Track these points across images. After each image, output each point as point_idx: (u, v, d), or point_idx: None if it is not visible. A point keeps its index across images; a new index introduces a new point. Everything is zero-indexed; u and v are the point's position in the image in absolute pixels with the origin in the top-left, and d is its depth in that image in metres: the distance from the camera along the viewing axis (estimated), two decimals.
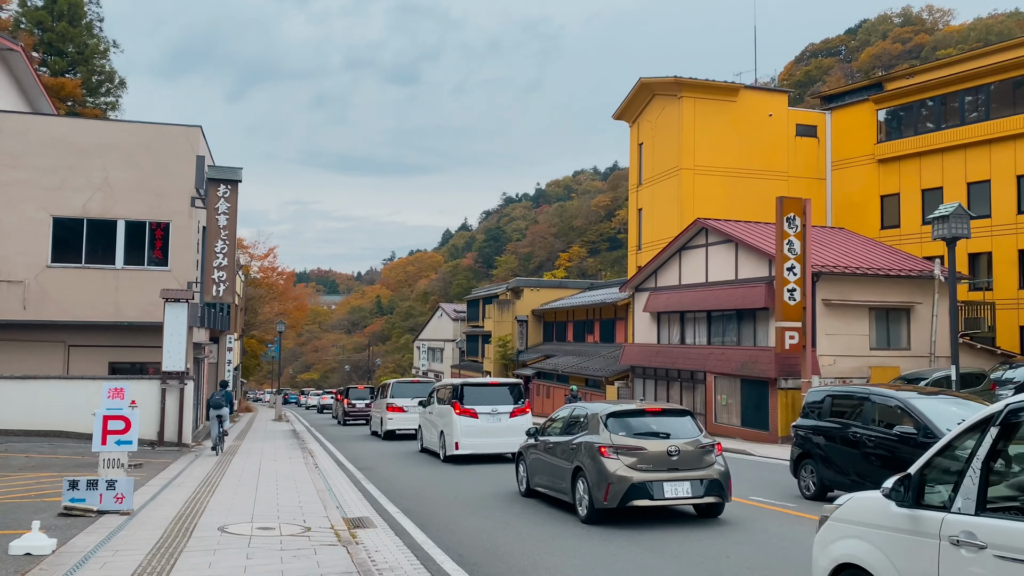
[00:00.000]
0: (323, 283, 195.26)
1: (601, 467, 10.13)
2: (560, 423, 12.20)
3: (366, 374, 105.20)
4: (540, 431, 12.73)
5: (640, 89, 39.40)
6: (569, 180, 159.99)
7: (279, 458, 18.11)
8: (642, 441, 10.32)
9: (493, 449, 18.18)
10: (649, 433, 10.56)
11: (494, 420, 18.24)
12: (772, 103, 38.09)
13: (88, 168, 21.61)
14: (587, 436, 10.79)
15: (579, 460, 10.64)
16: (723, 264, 28.16)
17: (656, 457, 10.17)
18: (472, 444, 18.01)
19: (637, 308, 33.37)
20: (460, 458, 18.28)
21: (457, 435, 18.00)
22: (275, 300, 76.00)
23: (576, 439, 11.02)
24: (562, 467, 11.24)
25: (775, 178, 37.64)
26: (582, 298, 48.93)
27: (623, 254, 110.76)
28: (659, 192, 38.27)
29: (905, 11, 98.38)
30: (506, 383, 19.50)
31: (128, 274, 21.75)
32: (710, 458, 10.45)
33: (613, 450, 10.20)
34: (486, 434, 18.11)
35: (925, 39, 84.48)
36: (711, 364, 27.23)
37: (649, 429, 10.64)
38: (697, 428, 10.84)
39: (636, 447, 10.21)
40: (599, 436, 10.51)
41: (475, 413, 18.13)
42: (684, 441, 10.37)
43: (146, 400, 19.87)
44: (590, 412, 11.25)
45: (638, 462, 10.11)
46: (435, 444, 19.55)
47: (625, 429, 10.56)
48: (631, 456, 10.14)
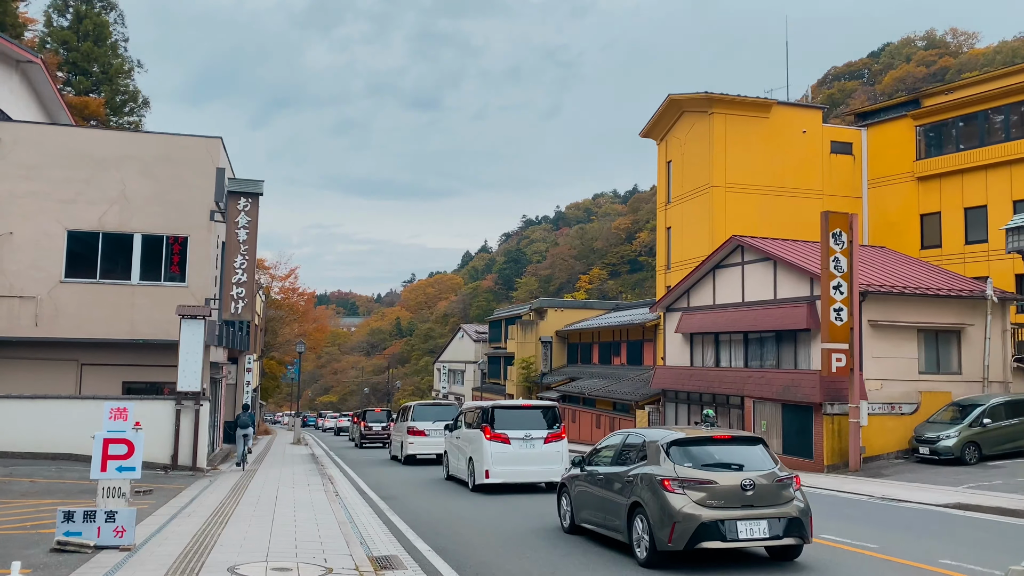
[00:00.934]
0: (343, 305, 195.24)
1: (665, 503, 8.99)
2: (611, 451, 10.96)
3: (385, 396, 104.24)
4: (586, 460, 11.53)
5: (669, 106, 38.46)
6: (589, 203, 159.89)
7: (297, 484, 17.08)
8: (712, 473, 9.18)
9: (526, 478, 17.01)
10: (719, 464, 9.40)
11: (527, 446, 16.99)
12: (806, 119, 36.99)
13: (105, 180, 20.89)
14: (646, 467, 9.60)
15: (637, 495, 9.50)
16: (761, 283, 26.97)
17: (728, 492, 9.02)
18: (504, 472, 16.82)
19: (668, 329, 32.17)
20: (490, 487, 17.07)
21: (487, 462, 16.79)
22: (295, 321, 75.45)
23: (633, 470, 9.84)
24: (615, 502, 10.05)
25: (809, 196, 36.46)
26: (608, 319, 47.76)
27: (644, 276, 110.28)
28: (689, 210, 37.17)
29: (929, 34, 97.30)
30: (540, 406, 18.32)
31: (144, 290, 20.94)
32: (788, 493, 9.27)
33: (678, 483, 9.07)
34: (519, 461, 16.91)
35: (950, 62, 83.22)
36: (749, 388, 25.96)
37: (718, 459, 9.48)
38: (771, 458, 9.67)
39: (705, 480, 9.08)
40: (661, 467, 9.36)
41: (507, 439, 16.92)
42: (759, 473, 9.21)
43: (160, 421, 18.99)
44: (648, 439, 10.04)
45: (708, 497, 8.98)
46: (463, 472, 18.38)
47: (691, 459, 9.41)
48: (700, 491, 9.01)
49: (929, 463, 21.45)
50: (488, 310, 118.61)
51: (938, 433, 21.44)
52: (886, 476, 20.14)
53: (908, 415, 23.11)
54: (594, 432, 38.56)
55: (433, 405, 26.93)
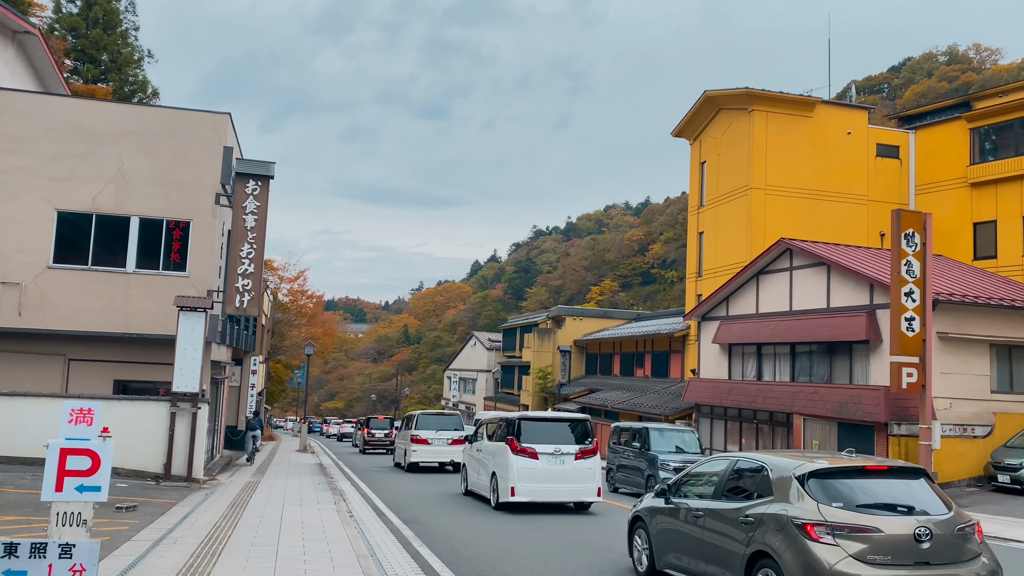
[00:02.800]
0: (350, 311, 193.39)
1: (809, 557, 6.78)
2: (711, 480, 8.74)
3: (392, 404, 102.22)
4: (673, 489, 9.32)
5: (704, 103, 36.39)
6: (600, 214, 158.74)
7: (305, 501, 14.95)
8: (872, 517, 6.94)
9: (555, 497, 15.56)
10: (878, 504, 7.14)
11: (557, 462, 15.49)
12: (851, 120, 34.86)
13: (100, 157, 18.90)
14: (773, 505, 7.42)
15: (762, 542, 7.29)
16: (812, 290, 24.79)
17: (897, 544, 6.80)
18: (531, 490, 15.27)
19: (704, 339, 29.99)
20: (515, 506, 15.55)
21: (513, 479, 15.25)
22: (304, 325, 73.50)
23: (752, 509, 7.63)
24: (725, 549, 7.85)
25: (853, 201, 34.32)
26: (631, 328, 45.56)
27: (656, 289, 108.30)
28: (725, 214, 35.03)
29: (951, 49, 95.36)
30: (571, 419, 16.80)
31: (140, 279, 18.90)
32: (972, 546, 7.09)
33: (827, 530, 6.86)
34: (548, 479, 15.41)
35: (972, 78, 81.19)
36: (799, 404, 23.74)
37: (876, 498, 7.22)
38: (941, 498, 7.44)
39: (865, 527, 6.86)
40: (797, 506, 7.17)
41: (535, 453, 15.40)
42: (934, 519, 7.00)
43: (152, 425, 16.93)
44: (771, 467, 7.80)
45: (869, 551, 6.76)
46: (484, 487, 16.89)
47: (838, 497, 7.18)
48: (858, 540, 6.80)
49: (1010, 492, 19.22)
50: (498, 319, 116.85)
51: (1021, 460, 19.20)
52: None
53: (981, 438, 20.88)
54: None
55: (437, 415, 26.95)
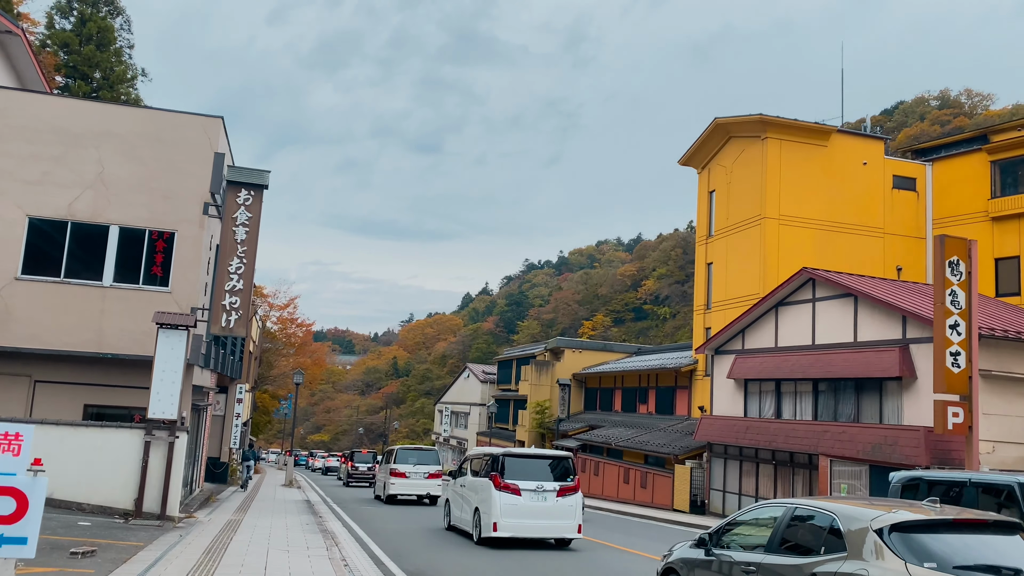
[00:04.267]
0: (339, 342, 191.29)
1: None
2: (763, 530, 7.52)
3: (380, 437, 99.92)
4: (714, 539, 8.10)
5: (714, 131, 35.26)
6: (592, 249, 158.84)
7: (293, 546, 13.19)
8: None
9: (538, 533, 15.72)
10: (980, 567, 5.91)
11: (539, 499, 15.67)
12: (867, 150, 33.76)
13: (79, 160, 17.35)
14: (848, 563, 6.22)
15: None
16: (837, 323, 23.32)
17: None
18: (513, 526, 15.44)
19: (717, 374, 28.41)
20: (497, 541, 15.66)
21: (496, 514, 15.42)
22: (293, 354, 71.57)
23: (822, 566, 6.44)
24: None
25: (869, 234, 33.08)
26: (634, 362, 43.94)
27: (649, 325, 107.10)
28: (736, 244, 33.69)
29: (943, 94, 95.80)
30: (553, 455, 16.91)
31: (118, 294, 17.24)
32: None
33: None
34: (531, 515, 15.58)
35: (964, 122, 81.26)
36: (826, 445, 22.13)
37: (974, 558, 6.00)
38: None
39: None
40: (878, 566, 5.98)
41: (518, 490, 15.59)
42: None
43: (123, 455, 15.18)
44: (843, 517, 6.61)
45: None
46: (467, 523, 16.93)
47: (928, 556, 5.95)
48: None
49: None
50: (489, 352, 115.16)
51: None
52: None
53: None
54: (621, 487, 34.51)
55: (415, 449, 27.83)
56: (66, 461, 14.95)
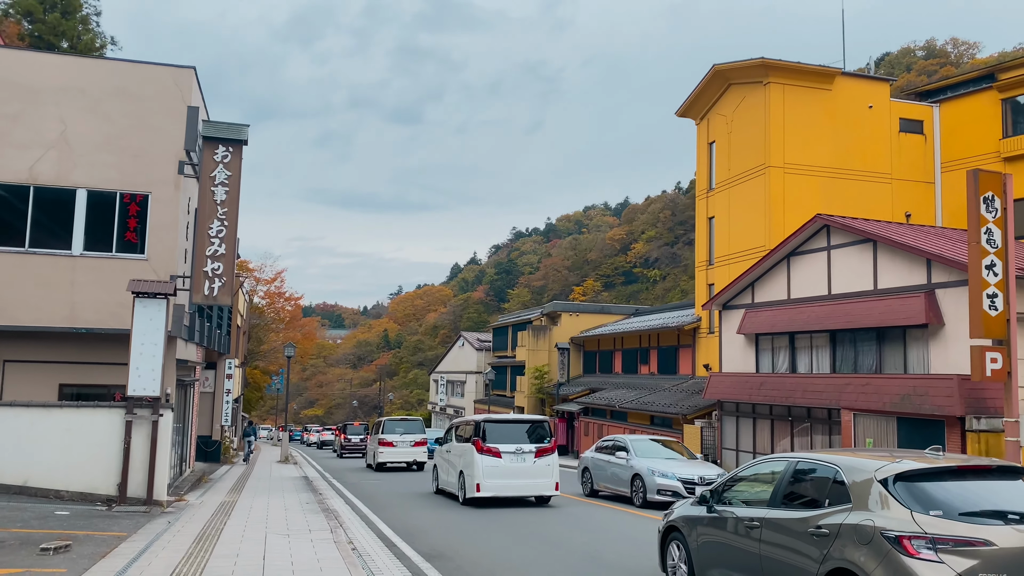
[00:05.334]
0: (328, 318, 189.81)
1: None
2: (766, 485, 7.50)
3: (375, 409, 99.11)
4: (716, 495, 8.07)
5: (713, 78, 33.83)
6: (580, 215, 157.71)
7: (293, 529, 12.01)
8: (980, 527, 5.77)
9: (517, 492, 16.84)
10: (986, 513, 5.94)
11: (519, 460, 16.83)
12: (872, 93, 32.45)
13: (39, 118, 15.84)
14: (854, 514, 6.25)
15: (843, 558, 6.13)
16: (855, 271, 22.19)
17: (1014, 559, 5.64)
18: (495, 486, 16.62)
19: (726, 330, 27.31)
20: (481, 500, 16.83)
21: (479, 476, 16.57)
22: (282, 329, 70.22)
23: (826, 518, 6.46)
24: (793, 565, 6.66)
25: (876, 180, 31.90)
26: (634, 323, 42.87)
27: (639, 288, 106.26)
28: (739, 196, 32.45)
29: (929, 44, 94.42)
30: (530, 420, 18.05)
31: (89, 263, 15.84)
32: None
33: (928, 544, 5.69)
34: (510, 475, 16.73)
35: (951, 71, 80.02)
36: (848, 398, 21.10)
37: (981, 504, 6.04)
38: None
39: (974, 539, 5.69)
40: (884, 516, 6.03)
41: (498, 452, 16.73)
42: None
43: (103, 437, 13.91)
44: (847, 469, 6.62)
45: (981, 567, 5.59)
46: (453, 485, 18.04)
47: (935, 504, 6.00)
48: (967, 556, 5.63)
49: None
50: (480, 321, 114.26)
51: None
52: None
53: None
54: None
55: (401, 420, 29.57)
56: (40, 446, 13.71)
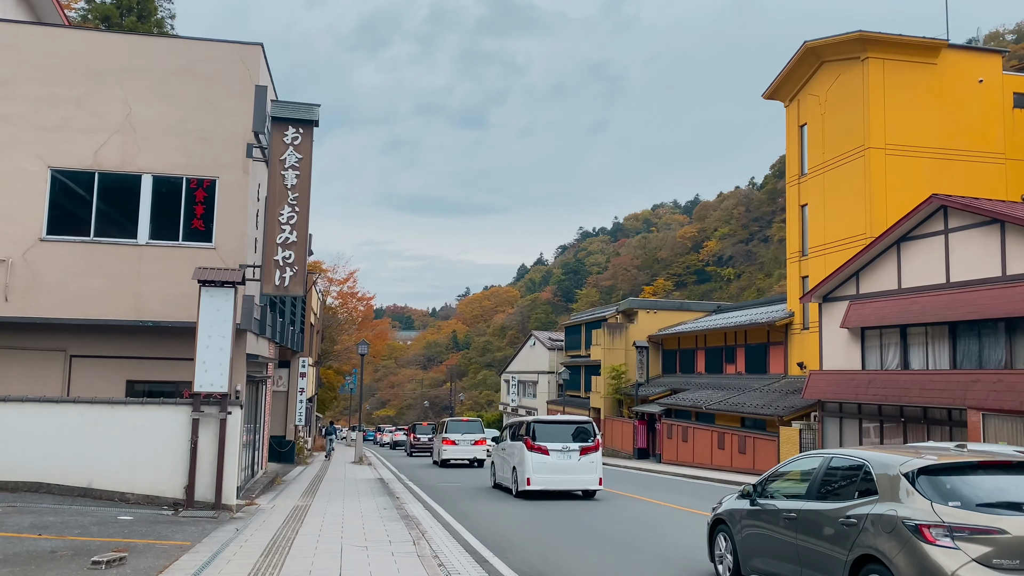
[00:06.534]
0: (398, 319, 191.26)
1: (927, 563, 6.06)
2: (802, 480, 8.06)
3: (446, 410, 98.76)
4: (758, 490, 8.68)
5: (804, 56, 31.68)
6: (648, 214, 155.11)
7: (372, 539, 10.80)
8: (995, 516, 6.15)
9: (564, 486, 18.27)
10: (1003, 504, 6.29)
11: (565, 457, 18.22)
12: (982, 66, 29.85)
13: (104, 101, 15.11)
14: (879, 505, 6.72)
15: (868, 545, 6.63)
16: (979, 256, 20.01)
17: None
18: (543, 480, 18.06)
19: (827, 324, 25.24)
20: (531, 493, 18.25)
21: (529, 471, 18.05)
22: (355, 329, 70.21)
23: (855, 509, 6.97)
24: (823, 554, 7.21)
25: (987, 160, 29.32)
26: (718, 320, 40.80)
27: (713, 287, 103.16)
28: (834, 181, 30.24)
29: (1020, 27, 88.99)
30: (576, 420, 19.46)
31: (155, 253, 15.04)
32: None
33: (946, 532, 6.12)
34: (557, 471, 18.15)
35: None
36: (976, 397, 18.95)
37: (998, 496, 6.39)
38: None
39: (989, 528, 6.08)
40: (909, 506, 6.45)
41: (546, 450, 18.15)
42: None
43: (169, 436, 13.03)
44: (875, 464, 7.08)
45: (995, 554, 6.00)
46: (507, 480, 19.62)
47: (955, 495, 6.39)
48: (982, 543, 6.04)
49: None
50: (548, 322, 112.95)
51: None
52: None
53: None
54: (715, 453, 31.69)
55: (462, 421, 32.42)
56: (104, 445, 12.91)
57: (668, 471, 30.63)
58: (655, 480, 26.02)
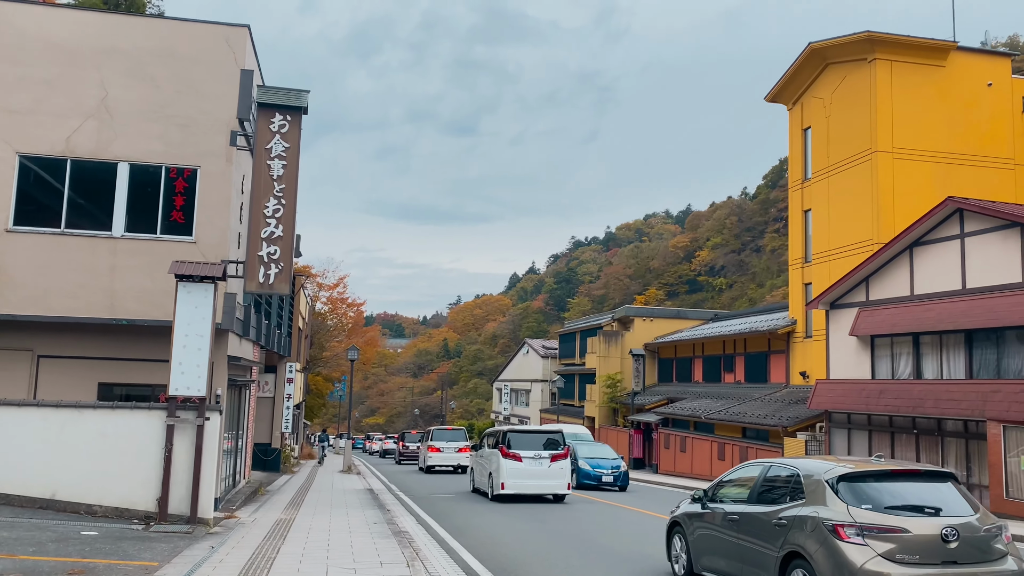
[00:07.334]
0: (389, 327, 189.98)
1: (840, 557, 6.85)
2: (745, 486, 8.78)
3: (437, 418, 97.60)
4: (709, 495, 9.47)
5: (808, 58, 30.94)
6: (640, 223, 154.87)
7: (361, 561, 9.79)
8: (900, 518, 6.98)
9: (535, 490, 19.43)
10: (906, 507, 7.11)
11: (537, 464, 19.42)
12: (991, 69, 29.18)
13: (78, 83, 14.13)
14: (805, 508, 7.46)
15: (795, 543, 7.34)
16: (997, 261, 19.19)
17: (924, 544, 6.83)
18: (516, 485, 19.19)
19: (835, 332, 24.38)
20: (505, 497, 19.35)
21: (503, 476, 19.21)
22: (345, 335, 68.99)
23: (785, 512, 7.68)
24: (759, 551, 7.88)
25: (997, 166, 28.61)
26: (717, 328, 39.91)
27: (705, 296, 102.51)
28: (839, 185, 29.46)
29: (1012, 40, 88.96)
30: (547, 431, 21.19)
31: (131, 246, 14.03)
32: (999, 547, 7.04)
33: (857, 531, 6.92)
34: (529, 476, 19.30)
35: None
36: (996, 408, 18.08)
37: (904, 500, 7.18)
38: (967, 500, 7.33)
39: (893, 527, 6.90)
40: (829, 509, 7.21)
41: (519, 457, 19.37)
42: (961, 520, 6.98)
43: (142, 444, 12.01)
44: (804, 472, 7.81)
45: (898, 550, 6.80)
46: (484, 484, 20.69)
47: (867, 499, 7.17)
48: (887, 541, 6.84)
49: None
50: (540, 331, 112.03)
51: None
52: None
53: None
54: (715, 464, 30.75)
55: (447, 429, 33.43)
56: (70, 453, 11.86)
57: (666, 481, 29.66)
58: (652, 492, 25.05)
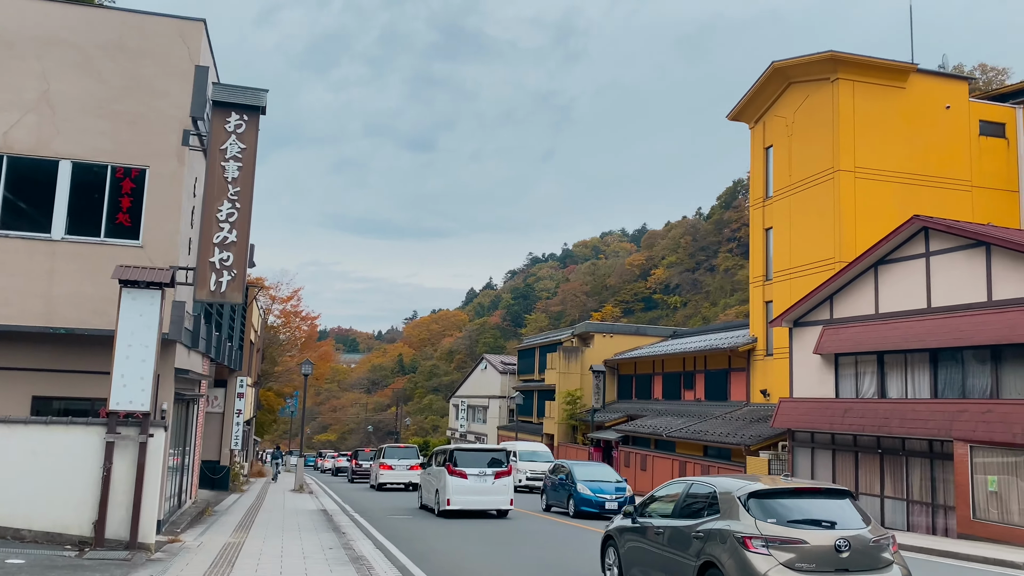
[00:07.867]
0: (343, 341, 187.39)
1: (746, 566, 7.63)
2: (670, 502, 9.47)
3: (390, 435, 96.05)
4: (638, 511, 10.04)
5: (771, 77, 31.08)
6: (597, 241, 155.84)
7: None
8: (800, 531, 7.81)
9: (481, 506, 20.04)
10: (806, 521, 7.96)
11: (481, 481, 20.04)
12: (950, 92, 29.59)
13: (16, 74, 13.20)
14: (719, 522, 8.26)
15: (709, 553, 8.14)
16: (963, 280, 19.17)
17: (820, 554, 7.67)
18: (462, 501, 19.78)
19: (798, 350, 24.23)
20: (452, 513, 19.87)
21: (449, 492, 19.76)
22: (298, 351, 67.46)
23: (702, 525, 8.49)
24: (679, 561, 8.69)
25: (955, 187, 28.97)
26: (677, 345, 39.75)
27: (660, 314, 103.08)
28: (801, 204, 29.53)
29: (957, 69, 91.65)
30: (492, 449, 21.83)
31: (72, 250, 13.10)
32: (886, 556, 7.91)
33: (762, 542, 7.70)
34: (475, 492, 19.93)
35: None
36: (963, 428, 17.96)
37: (805, 515, 8.04)
38: (861, 515, 8.24)
39: (793, 539, 7.72)
40: (739, 523, 8.00)
41: (465, 474, 19.93)
42: (853, 532, 7.87)
43: (78, 462, 11.10)
44: (720, 490, 8.63)
45: (797, 559, 7.62)
46: (431, 501, 21.20)
47: (774, 514, 8.00)
48: (788, 551, 7.66)
49: None
50: (496, 347, 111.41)
51: None
52: None
53: None
54: None
55: (399, 447, 33.50)
56: None
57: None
58: None
